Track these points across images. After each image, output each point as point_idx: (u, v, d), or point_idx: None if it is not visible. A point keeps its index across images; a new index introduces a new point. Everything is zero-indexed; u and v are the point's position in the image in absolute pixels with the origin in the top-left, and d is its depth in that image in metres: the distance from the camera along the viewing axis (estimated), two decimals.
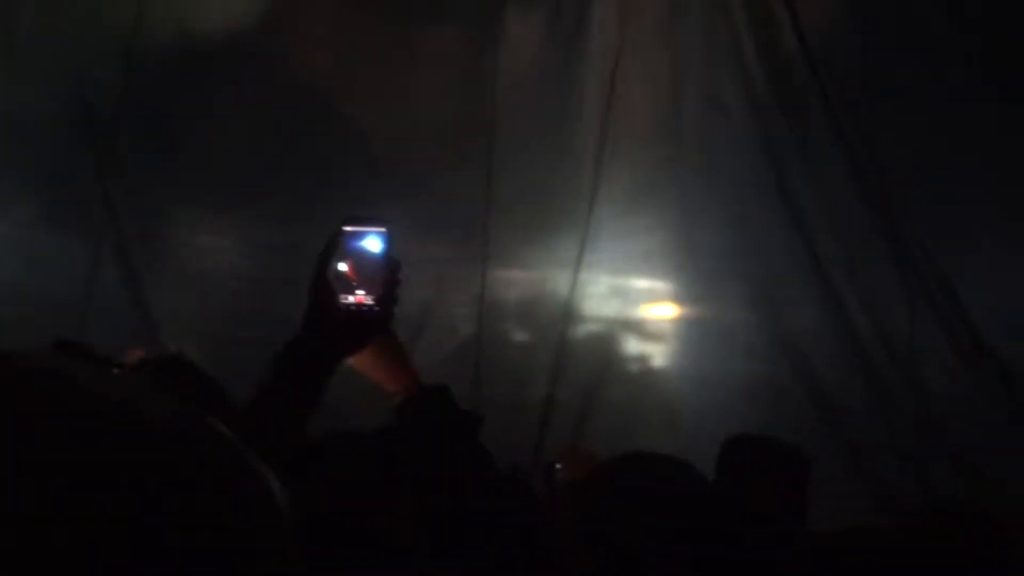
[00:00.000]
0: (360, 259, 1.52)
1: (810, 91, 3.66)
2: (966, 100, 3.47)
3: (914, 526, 2.46)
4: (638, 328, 3.82)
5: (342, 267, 1.52)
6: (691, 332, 3.76)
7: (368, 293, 1.52)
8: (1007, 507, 2.68)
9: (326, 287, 1.52)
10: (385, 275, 1.51)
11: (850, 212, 3.59)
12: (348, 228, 1.54)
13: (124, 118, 3.87)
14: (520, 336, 3.89)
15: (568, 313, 3.78)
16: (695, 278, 3.73)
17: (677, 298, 3.79)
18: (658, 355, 3.81)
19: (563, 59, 3.83)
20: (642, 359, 3.82)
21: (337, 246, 1.53)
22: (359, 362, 2.94)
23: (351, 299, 1.52)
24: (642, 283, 3.80)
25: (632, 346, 3.82)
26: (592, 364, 3.75)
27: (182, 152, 3.96)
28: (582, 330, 3.79)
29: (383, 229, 1.53)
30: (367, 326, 1.55)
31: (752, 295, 3.64)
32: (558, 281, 3.79)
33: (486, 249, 3.80)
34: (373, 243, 1.54)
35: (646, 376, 3.77)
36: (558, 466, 3.07)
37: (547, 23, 3.82)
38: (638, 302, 3.81)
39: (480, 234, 3.79)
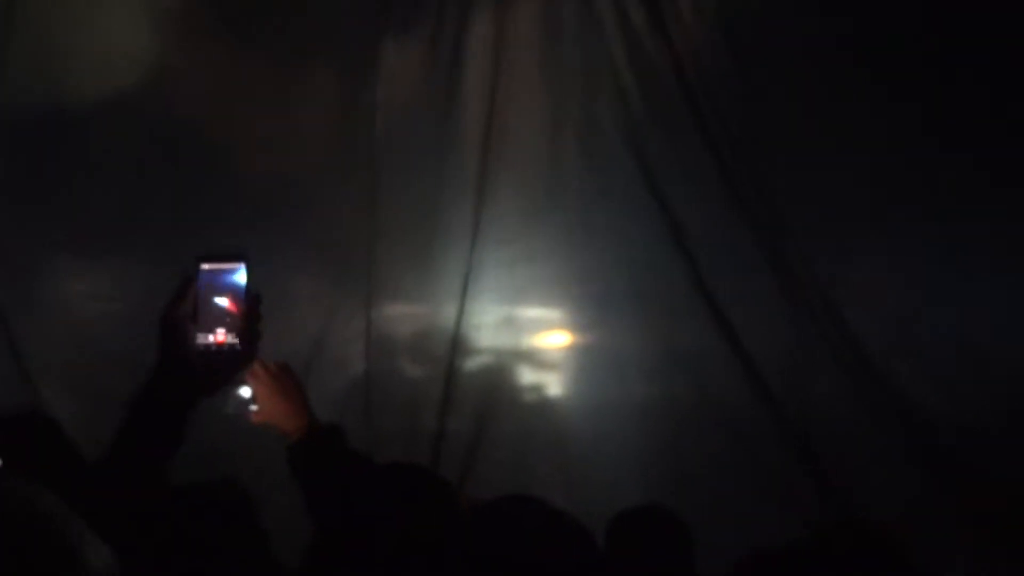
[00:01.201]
0: (219, 295, 1.43)
1: (686, 110, 3.69)
2: (848, 100, 3.53)
3: (814, 546, 2.49)
4: (530, 357, 3.79)
5: (202, 304, 1.43)
6: (584, 358, 3.74)
7: (228, 331, 1.43)
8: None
9: (176, 328, 1.43)
10: (246, 311, 1.43)
11: (731, 229, 3.62)
12: (205, 265, 1.45)
13: None
14: (410, 369, 3.83)
15: (455, 344, 3.74)
16: (585, 304, 3.71)
17: (568, 325, 3.77)
18: (551, 383, 3.79)
19: (441, 89, 3.81)
20: (535, 388, 3.79)
21: (191, 284, 1.44)
22: (261, 404, 2.84)
23: (211, 338, 1.43)
24: (532, 312, 3.78)
25: (524, 375, 3.79)
26: (483, 395, 3.71)
27: (50, 199, 3.82)
28: (473, 361, 3.74)
29: (241, 264, 1.44)
30: (228, 365, 1.47)
31: (643, 318, 3.64)
32: (446, 313, 3.75)
33: (370, 283, 3.75)
34: (232, 278, 1.44)
35: (539, 405, 3.74)
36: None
37: (423, 53, 3.79)
38: (529, 331, 3.78)
39: (364, 269, 3.74)
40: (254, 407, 2.71)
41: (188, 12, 3.83)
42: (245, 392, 2.70)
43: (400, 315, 3.80)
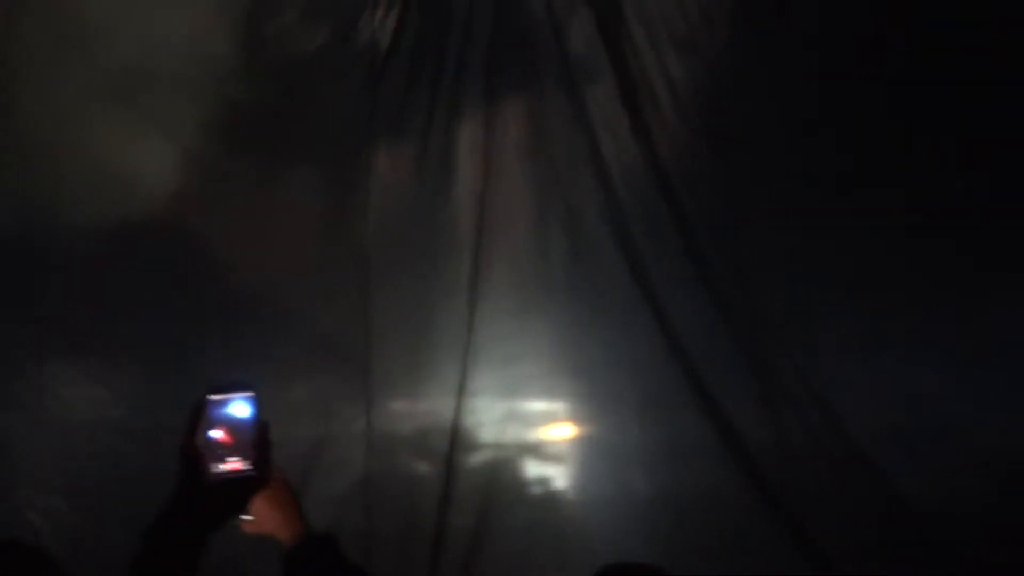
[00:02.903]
0: (230, 426, 1.48)
1: (668, 208, 3.80)
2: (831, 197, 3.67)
3: None
4: (530, 451, 3.85)
5: (214, 434, 1.49)
6: (585, 451, 3.82)
7: (242, 459, 1.49)
8: None
9: (196, 457, 1.48)
10: (256, 439, 1.49)
11: (717, 326, 3.73)
12: (214, 397, 1.50)
13: None
14: (410, 466, 3.87)
15: (454, 440, 3.79)
16: (583, 398, 3.79)
17: (572, 418, 3.84)
18: (555, 477, 3.85)
19: (432, 188, 3.87)
20: (539, 482, 3.85)
21: (203, 415, 1.49)
22: (255, 513, 2.89)
23: (223, 467, 1.49)
24: (530, 406, 3.85)
25: (528, 470, 3.85)
26: (484, 490, 3.77)
27: (38, 303, 3.80)
28: (475, 457, 3.80)
29: (251, 393, 1.51)
30: (242, 492, 1.53)
31: (643, 409, 3.73)
32: (445, 409, 3.80)
33: (368, 383, 3.78)
34: (241, 408, 1.51)
35: (544, 499, 3.80)
36: None
37: (414, 156, 3.85)
38: (528, 425, 3.85)
39: (362, 368, 3.78)
40: (247, 517, 2.74)
41: (174, 117, 3.84)
42: None
43: (399, 412, 3.84)
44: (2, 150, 3.79)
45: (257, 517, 2.74)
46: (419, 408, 3.85)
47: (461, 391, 3.78)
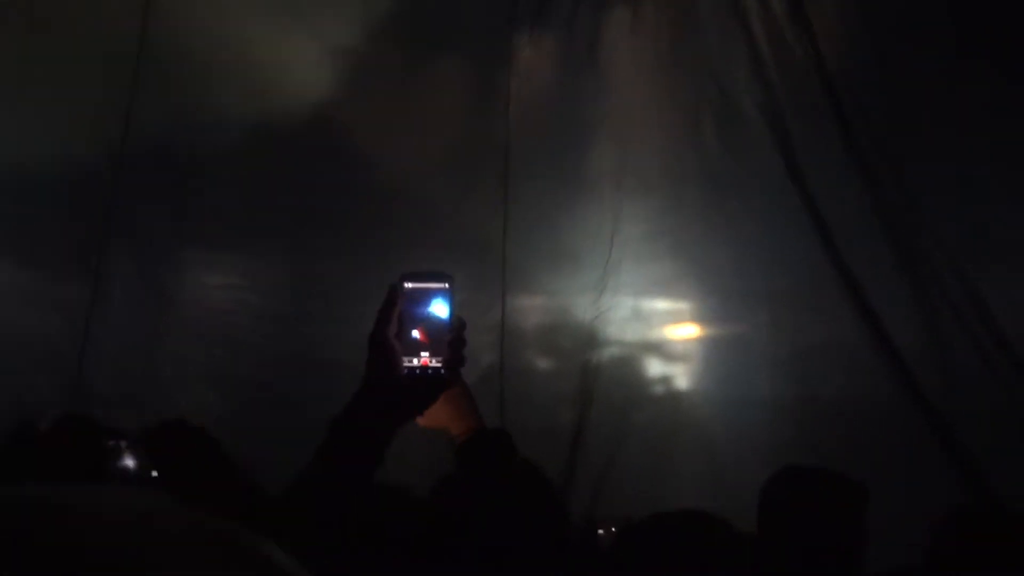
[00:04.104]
0: (424, 318, 1.41)
1: (826, 102, 3.65)
2: (989, 108, 3.49)
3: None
4: (665, 351, 3.78)
5: (414, 334, 1.41)
6: (716, 352, 3.72)
7: (434, 355, 1.41)
8: None
9: (389, 348, 1.41)
10: (451, 335, 1.41)
11: (871, 224, 3.59)
12: (408, 284, 1.42)
13: (125, 163, 3.73)
14: (544, 362, 3.83)
15: (592, 337, 3.73)
16: (719, 298, 3.70)
17: (703, 319, 3.75)
18: (686, 376, 3.77)
19: (575, 81, 3.77)
20: (670, 381, 3.78)
21: (395, 303, 1.41)
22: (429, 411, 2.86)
23: (416, 361, 1.41)
24: (667, 306, 3.77)
25: (660, 369, 3.77)
26: (619, 388, 3.71)
27: (186, 192, 3.83)
28: (607, 354, 3.73)
29: (446, 284, 1.42)
30: (431, 389, 1.45)
31: (775, 310, 3.63)
32: (580, 306, 3.74)
33: (504, 276, 3.73)
34: (437, 300, 1.42)
35: (675, 398, 3.73)
36: (600, 532, 3.00)
37: (558, 44, 3.76)
38: (664, 325, 3.77)
39: (498, 261, 3.73)
40: None
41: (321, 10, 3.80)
42: None
43: (535, 308, 3.80)
44: (160, 52, 3.81)
45: (429, 411, 2.71)
46: (554, 304, 3.80)
47: (602, 287, 3.71)
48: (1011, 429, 3.45)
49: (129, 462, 1.92)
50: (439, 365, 1.40)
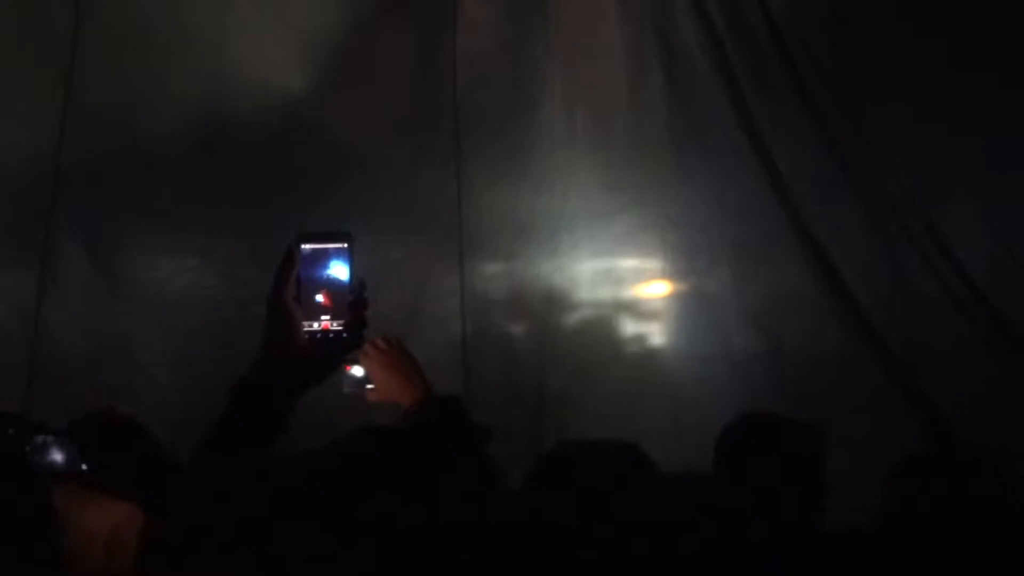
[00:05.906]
0: (323, 281, 1.37)
1: (774, 46, 3.60)
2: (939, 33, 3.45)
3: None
4: (628, 308, 3.75)
5: (317, 298, 1.38)
6: (683, 307, 3.70)
7: (335, 318, 1.38)
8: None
9: (286, 311, 1.37)
10: (352, 297, 1.38)
11: (826, 169, 3.55)
12: (306, 246, 1.38)
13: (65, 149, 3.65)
14: (507, 325, 3.79)
15: (553, 299, 3.70)
16: (680, 252, 3.66)
17: (665, 275, 3.71)
18: (651, 334, 3.75)
19: (524, 36, 3.70)
20: (635, 339, 3.75)
21: (293, 265, 1.38)
22: (375, 382, 2.82)
23: (316, 325, 1.38)
24: (628, 263, 3.73)
25: (624, 327, 3.75)
26: (584, 348, 3.68)
27: (130, 172, 3.75)
28: (571, 315, 3.70)
29: (345, 244, 1.38)
30: (334, 351, 1.42)
31: (739, 263, 3.60)
32: (541, 268, 3.70)
33: (462, 240, 3.69)
34: (336, 261, 1.38)
35: (641, 356, 3.71)
36: None
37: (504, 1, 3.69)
38: (626, 282, 3.74)
39: (455, 226, 3.68)
40: (370, 386, 2.68)
41: None
42: (358, 371, 2.67)
43: (494, 271, 3.75)
44: (98, 26, 3.72)
45: (378, 385, 2.68)
46: (514, 266, 3.75)
47: (556, 249, 3.67)
48: (975, 371, 3.45)
49: (57, 456, 1.89)
50: (341, 328, 1.36)
